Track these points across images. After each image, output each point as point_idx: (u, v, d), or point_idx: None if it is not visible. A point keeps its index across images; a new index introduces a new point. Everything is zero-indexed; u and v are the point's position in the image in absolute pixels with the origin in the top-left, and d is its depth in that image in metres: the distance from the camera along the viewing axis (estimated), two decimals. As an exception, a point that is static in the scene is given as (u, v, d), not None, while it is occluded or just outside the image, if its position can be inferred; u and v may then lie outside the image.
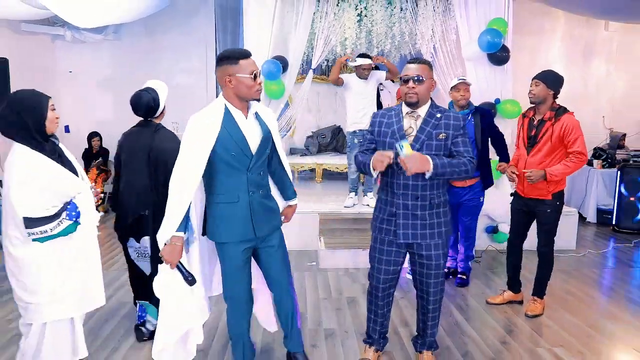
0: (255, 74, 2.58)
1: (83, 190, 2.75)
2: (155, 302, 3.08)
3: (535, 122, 3.80)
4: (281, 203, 3.00)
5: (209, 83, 8.45)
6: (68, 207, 2.62)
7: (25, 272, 2.60)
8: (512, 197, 4.14)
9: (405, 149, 2.65)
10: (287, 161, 2.96)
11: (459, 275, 4.70)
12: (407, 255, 3.05)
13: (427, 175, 2.70)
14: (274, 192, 2.95)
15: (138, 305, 3.55)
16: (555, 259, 4.09)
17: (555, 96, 3.73)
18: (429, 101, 2.90)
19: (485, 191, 4.60)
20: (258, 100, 2.73)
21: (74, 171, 2.76)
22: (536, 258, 4.00)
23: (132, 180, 3.34)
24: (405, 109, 2.89)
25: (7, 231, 2.59)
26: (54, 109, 2.69)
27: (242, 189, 2.66)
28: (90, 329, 3.63)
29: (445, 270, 4.65)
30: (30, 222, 2.48)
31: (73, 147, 3.24)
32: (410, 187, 2.82)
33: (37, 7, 4.90)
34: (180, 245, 2.58)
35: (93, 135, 7.84)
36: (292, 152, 8.43)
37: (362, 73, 5.64)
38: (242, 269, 2.76)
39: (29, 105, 2.60)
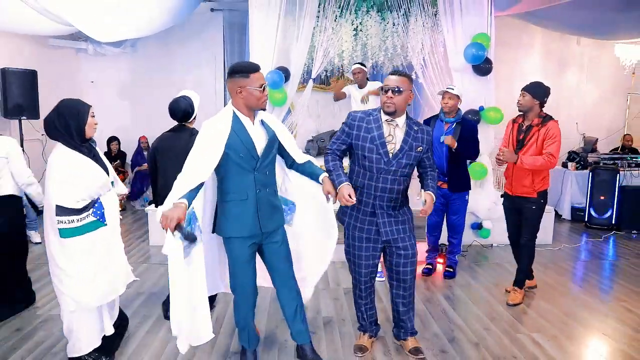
0: (263, 86, 2.60)
1: (110, 190, 2.88)
2: None
3: (524, 127, 3.85)
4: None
5: (218, 92, 8.41)
6: (95, 205, 2.73)
7: (61, 263, 2.69)
8: (502, 198, 4.16)
9: (427, 200, 2.87)
10: (303, 155, 2.91)
11: (446, 269, 4.67)
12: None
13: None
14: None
15: None
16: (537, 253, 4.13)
17: (541, 105, 3.78)
18: (405, 112, 2.90)
19: (470, 191, 4.59)
20: (264, 109, 2.73)
21: (106, 172, 2.88)
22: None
23: (170, 181, 3.30)
24: (384, 116, 2.86)
25: (48, 223, 2.70)
26: (94, 116, 2.84)
27: (250, 187, 2.66)
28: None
29: (429, 266, 4.69)
30: (60, 211, 2.60)
31: (94, 151, 3.25)
32: (388, 191, 2.85)
33: (63, 23, 4.89)
34: (181, 207, 2.38)
35: (112, 139, 7.83)
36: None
37: (355, 78, 5.68)
38: (247, 263, 2.74)
39: (72, 111, 2.75)
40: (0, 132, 4.26)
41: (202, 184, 2.58)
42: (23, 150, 6.10)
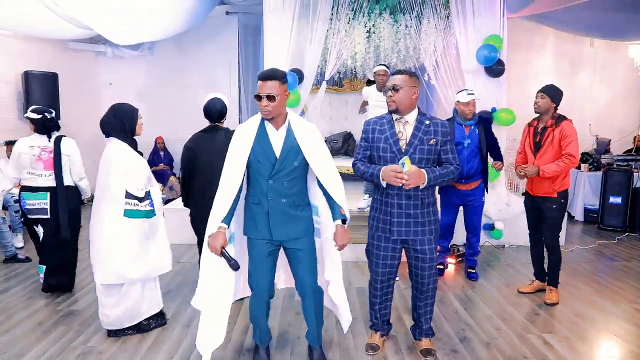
0: (260, 96, 2.57)
1: (154, 185, 3.30)
2: None
3: (539, 129, 3.86)
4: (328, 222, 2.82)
5: (232, 94, 8.46)
6: (150, 198, 3.18)
7: (111, 242, 3.09)
8: (523, 197, 4.20)
9: (407, 165, 2.69)
10: (331, 177, 2.72)
11: (469, 270, 4.65)
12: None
13: (421, 187, 2.76)
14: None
15: None
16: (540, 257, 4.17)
17: (556, 107, 3.80)
18: (416, 109, 2.89)
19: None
20: (266, 118, 2.64)
21: None
22: (527, 252, 3.98)
23: (212, 177, 3.35)
24: (394, 115, 2.89)
25: (105, 209, 3.10)
26: (141, 117, 3.33)
27: (263, 193, 2.67)
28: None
29: (441, 266, 4.67)
30: (128, 195, 3.07)
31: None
32: (404, 189, 2.81)
33: (83, 27, 4.98)
34: (223, 233, 2.57)
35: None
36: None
37: (378, 80, 5.62)
38: (263, 263, 2.76)
39: (127, 112, 3.24)
40: (15, 137, 4.37)
41: (238, 196, 2.66)
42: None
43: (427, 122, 2.86)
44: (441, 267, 4.70)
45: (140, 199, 3.12)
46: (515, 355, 3.14)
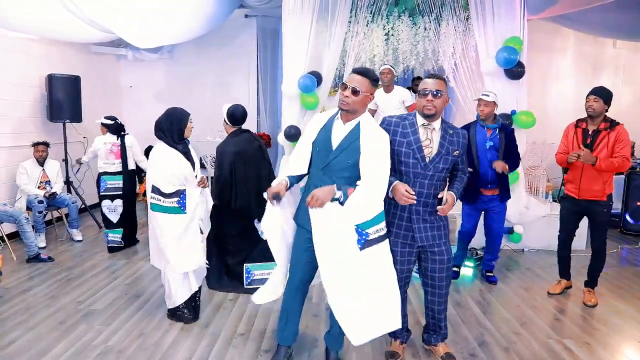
0: (345, 83, 2.61)
1: (195, 187, 3.51)
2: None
3: (590, 132, 3.81)
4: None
5: (251, 96, 8.52)
6: (181, 195, 3.37)
7: (155, 235, 3.46)
8: (562, 200, 4.13)
9: (448, 199, 2.79)
10: (369, 185, 2.54)
11: (487, 274, 4.62)
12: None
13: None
14: None
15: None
16: (573, 259, 4.18)
17: (607, 110, 3.78)
18: (441, 115, 2.86)
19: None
20: (344, 110, 2.60)
21: (193, 168, 3.56)
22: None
23: (251, 175, 4.09)
24: (420, 120, 2.80)
25: (149, 196, 3.43)
26: (191, 121, 3.56)
27: (314, 183, 2.69)
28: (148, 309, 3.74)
29: (456, 269, 4.64)
30: (153, 189, 3.37)
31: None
32: (425, 195, 2.80)
33: (105, 31, 5.07)
34: (284, 184, 2.67)
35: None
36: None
37: (382, 79, 5.63)
38: (301, 254, 2.77)
39: (178, 116, 3.50)
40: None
41: (301, 175, 2.81)
42: (66, 151, 6.38)
43: (451, 131, 2.83)
44: (457, 270, 4.66)
45: (166, 195, 3.35)
46: (534, 360, 3.11)
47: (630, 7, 5.66)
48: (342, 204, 2.53)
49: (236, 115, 4.12)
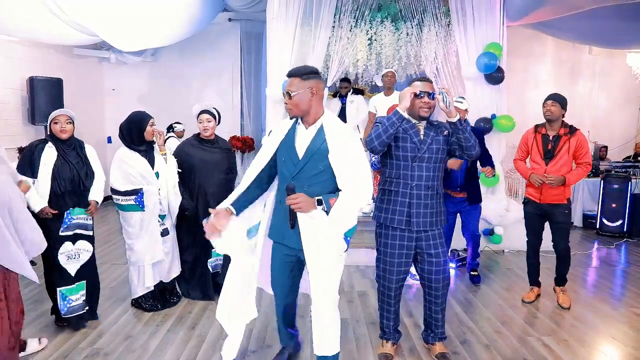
0: (282, 92, 2.62)
1: (153, 185, 3.62)
2: None
3: (551, 137, 3.88)
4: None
5: (235, 99, 8.54)
6: (139, 194, 3.57)
7: (124, 231, 3.72)
8: (524, 205, 4.14)
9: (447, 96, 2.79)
10: (348, 182, 2.44)
11: (471, 274, 4.70)
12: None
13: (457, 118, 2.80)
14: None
15: None
16: (545, 259, 4.26)
17: (563, 115, 3.86)
18: None
19: (482, 196, 4.61)
20: (293, 116, 2.55)
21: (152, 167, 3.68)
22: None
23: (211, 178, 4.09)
24: (413, 120, 2.94)
25: None
26: (152, 125, 3.67)
27: (284, 194, 2.48)
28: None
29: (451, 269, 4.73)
30: (113, 191, 3.59)
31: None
32: (424, 178, 2.88)
33: (88, 34, 5.06)
34: (225, 213, 2.52)
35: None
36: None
37: (385, 81, 5.86)
38: (279, 271, 2.75)
39: (136, 120, 3.65)
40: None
41: (257, 189, 2.64)
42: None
43: (435, 123, 2.99)
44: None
45: (121, 193, 3.57)
46: (515, 357, 3.20)
47: (606, 16, 5.84)
48: (327, 213, 2.45)
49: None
